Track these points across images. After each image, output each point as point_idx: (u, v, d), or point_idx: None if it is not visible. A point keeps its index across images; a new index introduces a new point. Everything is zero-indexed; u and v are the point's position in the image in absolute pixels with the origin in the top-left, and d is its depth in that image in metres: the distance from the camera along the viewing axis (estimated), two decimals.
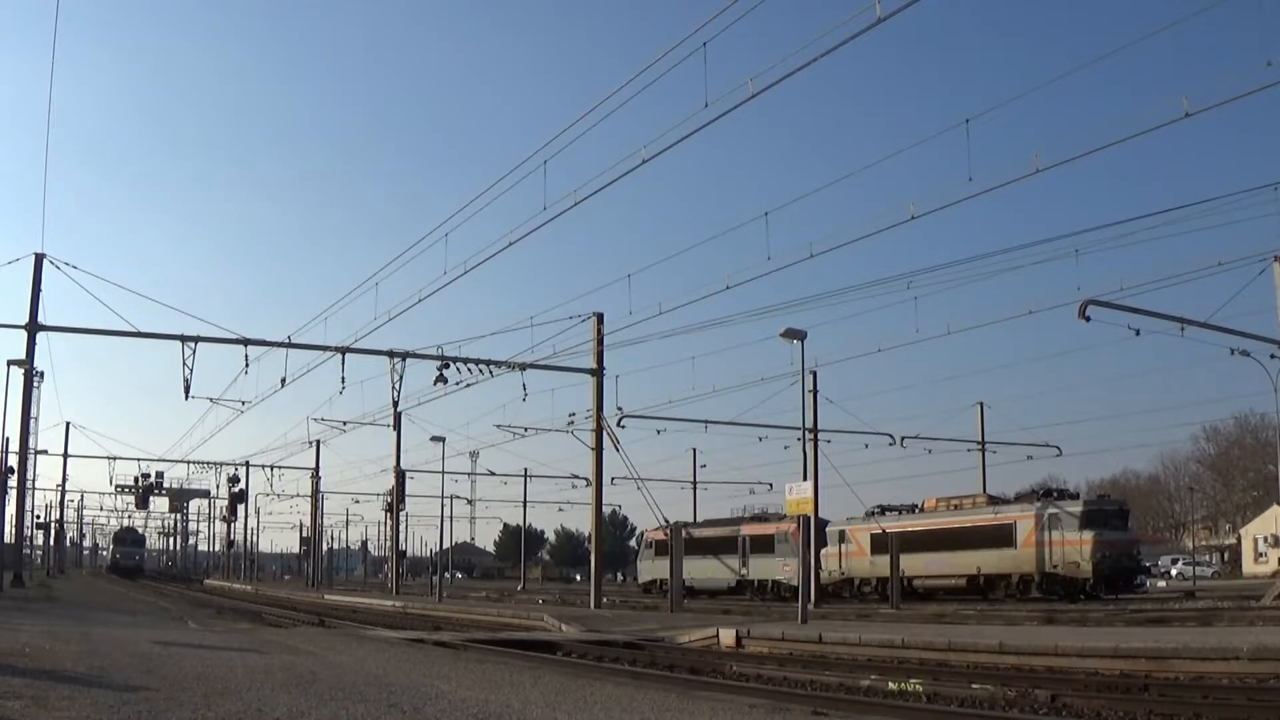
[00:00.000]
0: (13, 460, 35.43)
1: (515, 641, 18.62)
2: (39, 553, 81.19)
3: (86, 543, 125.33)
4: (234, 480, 70.27)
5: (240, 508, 73.52)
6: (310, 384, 46.37)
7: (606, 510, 50.82)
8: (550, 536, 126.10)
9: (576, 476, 60.39)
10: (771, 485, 59.12)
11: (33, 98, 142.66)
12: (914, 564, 39.33)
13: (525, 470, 69.74)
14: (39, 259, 29.34)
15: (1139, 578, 39.12)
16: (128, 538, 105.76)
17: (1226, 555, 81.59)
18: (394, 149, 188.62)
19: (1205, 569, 70.40)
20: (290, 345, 30.50)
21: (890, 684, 12.54)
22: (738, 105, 16.18)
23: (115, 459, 64.03)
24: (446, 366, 30.59)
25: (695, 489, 64.02)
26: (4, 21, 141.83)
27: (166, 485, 75.15)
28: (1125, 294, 26.20)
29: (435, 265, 26.48)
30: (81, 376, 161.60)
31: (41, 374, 39.30)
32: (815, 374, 39.47)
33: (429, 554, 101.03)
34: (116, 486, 72.58)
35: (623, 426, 35.41)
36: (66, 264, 29.11)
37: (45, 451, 57.11)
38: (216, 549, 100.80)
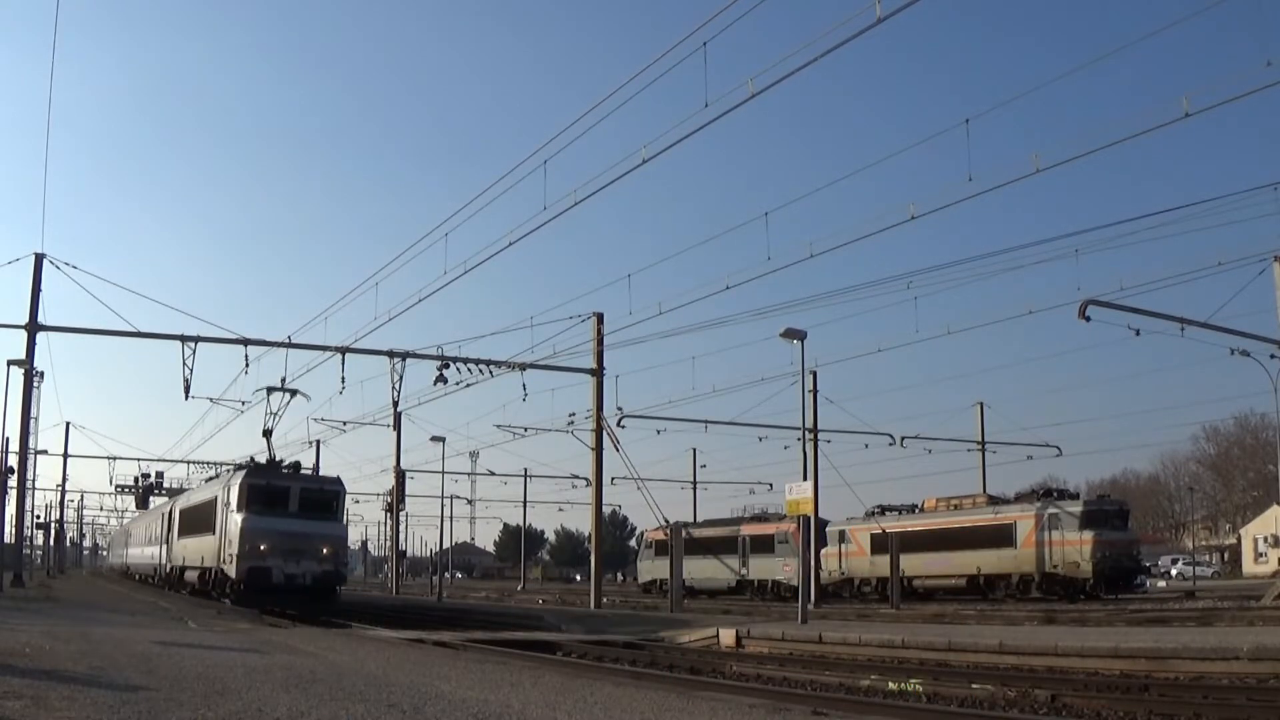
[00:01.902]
0: (13, 460, 35.43)
1: (515, 642, 18.61)
2: (39, 553, 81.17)
3: (86, 543, 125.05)
4: None
5: None
6: (310, 384, 46.40)
7: (606, 510, 50.87)
8: (550, 536, 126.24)
9: (576, 476, 60.50)
10: (771, 485, 59.31)
11: (33, 98, 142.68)
12: (914, 564, 39.34)
13: (525, 470, 69.86)
14: (39, 259, 29.34)
15: (1139, 578, 39.16)
16: (285, 490, 26.39)
17: (1226, 555, 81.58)
18: (394, 148, 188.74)
19: (1205, 569, 70.37)
20: (290, 345, 30.49)
21: (890, 684, 12.54)
22: (738, 105, 16.17)
23: (115, 459, 64.04)
24: (446, 366, 30.59)
25: (695, 489, 64.17)
26: (4, 21, 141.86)
27: (167, 485, 75.14)
28: (1125, 294, 26.25)
29: (435, 265, 26.47)
30: (81, 376, 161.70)
31: (41, 374, 39.28)
32: (815, 374, 39.59)
33: (429, 554, 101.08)
34: (116, 486, 72.58)
35: (623, 426, 35.45)
36: (66, 264, 29.12)
37: (45, 451, 57.10)
38: None
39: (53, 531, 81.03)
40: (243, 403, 33.07)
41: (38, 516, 72.72)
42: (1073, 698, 10.85)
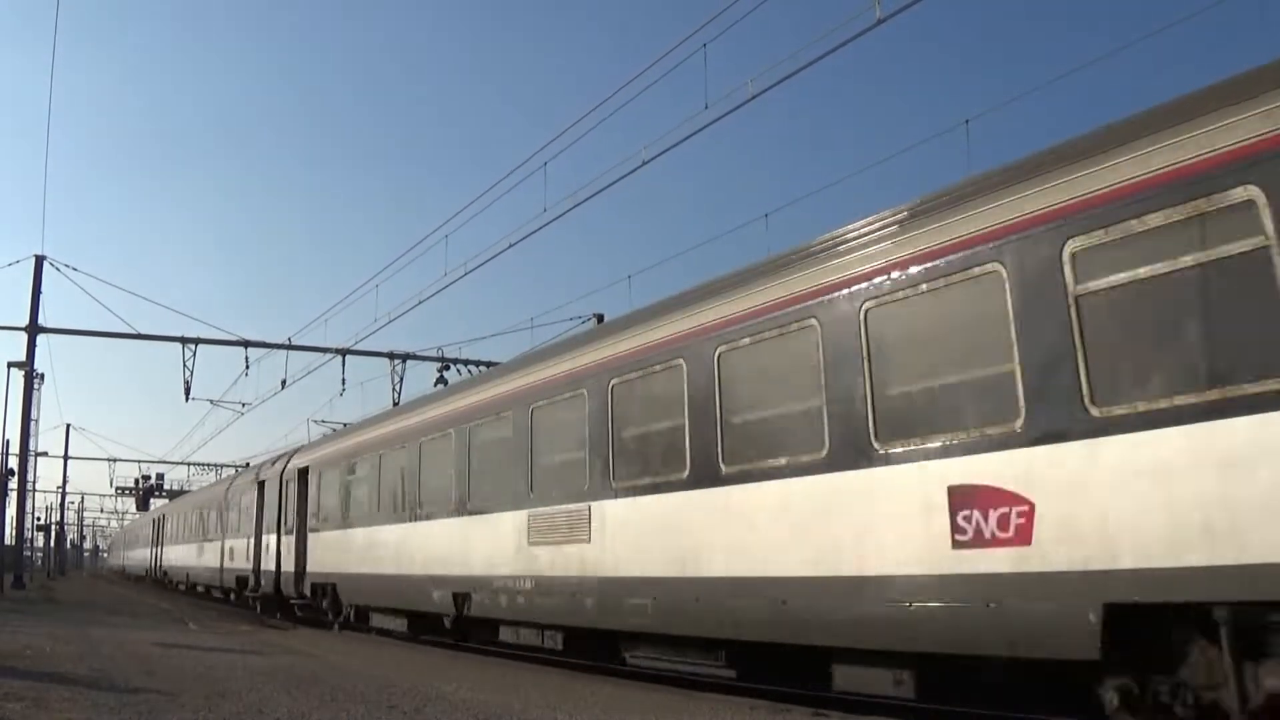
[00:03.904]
0: (13, 462, 35.45)
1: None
2: (39, 555, 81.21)
3: (87, 544, 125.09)
4: None
5: None
6: (311, 385, 46.52)
7: None
8: None
9: None
10: None
11: (33, 98, 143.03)
12: None
13: None
14: (39, 261, 29.40)
15: None
16: None
17: None
18: (396, 150, 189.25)
19: None
20: (291, 347, 30.57)
21: None
22: (738, 106, 16.21)
23: (116, 461, 64.16)
24: (447, 368, 30.67)
25: None
26: (4, 21, 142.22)
27: (167, 487, 75.21)
28: None
29: (436, 266, 26.51)
30: (82, 378, 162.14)
31: (42, 376, 39.30)
32: None
33: None
34: (117, 488, 72.72)
35: None
36: (67, 266, 29.20)
37: (45, 453, 57.21)
38: None
39: (53, 533, 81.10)
40: (243, 404, 33.15)
41: (38, 518, 72.84)
42: None
